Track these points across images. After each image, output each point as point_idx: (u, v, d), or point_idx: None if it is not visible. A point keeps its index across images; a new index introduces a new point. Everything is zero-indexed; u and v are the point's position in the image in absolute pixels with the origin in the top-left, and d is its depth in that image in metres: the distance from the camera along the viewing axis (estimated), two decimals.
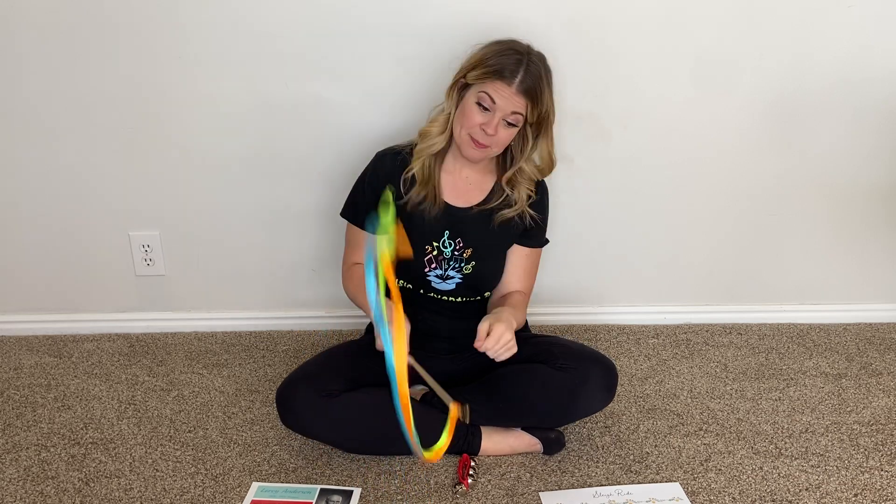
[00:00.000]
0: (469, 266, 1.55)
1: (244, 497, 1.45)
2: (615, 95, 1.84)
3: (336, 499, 1.44)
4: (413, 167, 1.52)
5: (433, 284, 1.56)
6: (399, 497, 1.44)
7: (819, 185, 1.94)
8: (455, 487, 1.46)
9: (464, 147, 1.47)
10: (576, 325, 2.05)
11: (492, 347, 1.35)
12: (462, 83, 1.46)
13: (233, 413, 1.71)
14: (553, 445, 1.54)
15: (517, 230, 1.58)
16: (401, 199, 1.53)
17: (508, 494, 1.45)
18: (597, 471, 1.51)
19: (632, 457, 1.55)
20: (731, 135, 1.88)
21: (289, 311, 2.07)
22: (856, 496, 1.43)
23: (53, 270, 2.03)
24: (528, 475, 1.50)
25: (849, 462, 1.52)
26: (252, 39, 1.79)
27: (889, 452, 1.55)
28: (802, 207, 1.96)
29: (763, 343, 1.97)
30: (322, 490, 1.46)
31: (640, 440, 1.60)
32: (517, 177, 1.54)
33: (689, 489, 1.46)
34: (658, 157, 1.90)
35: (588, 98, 1.84)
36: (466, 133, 1.45)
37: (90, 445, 1.61)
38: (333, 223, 1.80)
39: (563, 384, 1.47)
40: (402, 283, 1.58)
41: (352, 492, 1.45)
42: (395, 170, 1.54)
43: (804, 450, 1.56)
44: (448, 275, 1.55)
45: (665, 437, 1.60)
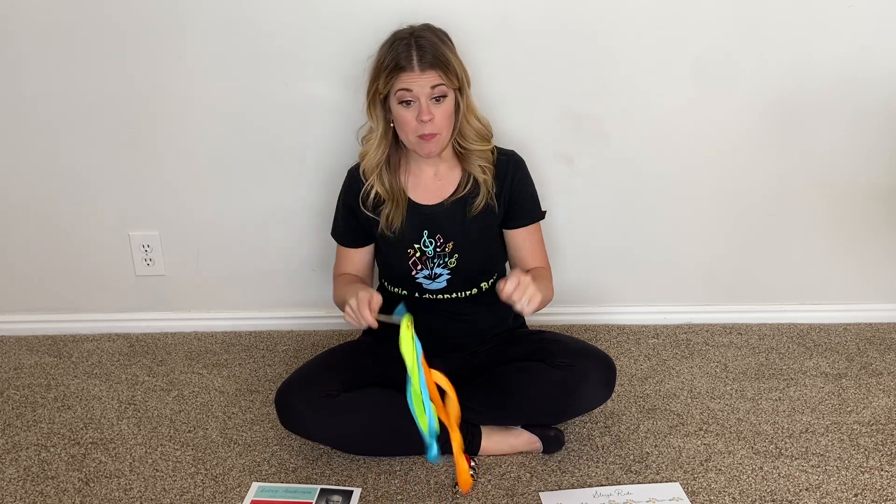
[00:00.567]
0: (453, 259, 1.55)
1: (244, 497, 1.45)
2: (615, 96, 1.84)
3: (336, 499, 1.44)
4: (373, 188, 1.53)
5: (424, 286, 1.57)
6: (399, 497, 1.44)
7: (819, 185, 1.93)
8: (455, 487, 1.45)
9: (419, 148, 1.48)
10: (576, 325, 2.05)
11: (511, 290, 1.33)
12: (379, 97, 1.47)
13: (233, 413, 1.71)
14: (552, 443, 1.54)
15: (497, 211, 1.56)
16: (371, 214, 1.55)
17: (508, 494, 1.44)
18: (597, 471, 1.50)
19: (632, 457, 1.55)
20: (731, 135, 1.88)
21: (288, 311, 2.07)
22: (856, 496, 1.43)
23: (53, 270, 2.03)
24: (528, 475, 1.50)
25: (849, 462, 1.52)
26: (252, 39, 1.79)
27: (889, 452, 1.55)
28: (802, 207, 1.96)
29: (763, 343, 1.97)
30: (322, 490, 1.46)
31: (640, 440, 1.60)
32: (468, 155, 1.53)
33: (689, 489, 1.45)
34: (658, 158, 1.90)
35: (588, 98, 1.84)
36: (413, 135, 1.45)
37: (90, 445, 1.61)
38: None
39: (562, 382, 1.47)
40: (397, 290, 1.60)
41: (352, 492, 1.45)
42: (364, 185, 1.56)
43: (804, 450, 1.55)
44: (436, 273, 1.56)
45: (665, 437, 1.60)
